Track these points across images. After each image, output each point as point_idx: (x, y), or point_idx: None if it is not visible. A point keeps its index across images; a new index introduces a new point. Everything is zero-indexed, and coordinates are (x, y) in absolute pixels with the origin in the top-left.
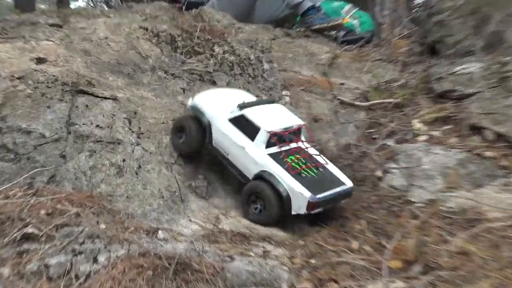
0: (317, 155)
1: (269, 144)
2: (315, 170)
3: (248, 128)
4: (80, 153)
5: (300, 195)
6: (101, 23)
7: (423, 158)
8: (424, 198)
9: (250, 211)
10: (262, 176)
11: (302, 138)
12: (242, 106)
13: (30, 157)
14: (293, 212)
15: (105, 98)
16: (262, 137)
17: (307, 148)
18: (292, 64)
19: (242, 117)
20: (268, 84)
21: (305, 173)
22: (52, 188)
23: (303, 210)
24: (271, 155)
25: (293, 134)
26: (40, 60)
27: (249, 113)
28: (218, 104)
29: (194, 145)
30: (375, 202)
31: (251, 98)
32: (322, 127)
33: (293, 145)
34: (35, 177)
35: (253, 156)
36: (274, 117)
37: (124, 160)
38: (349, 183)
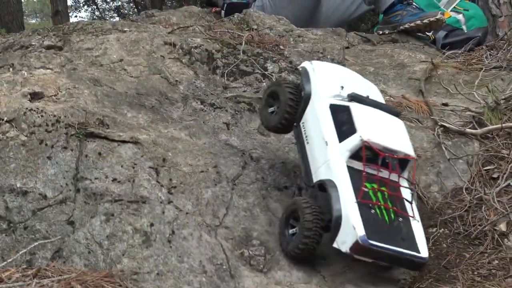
0: (409, 201)
1: (355, 156)
2: (392, 216)
3: (344, 124)
4: (93, 217)
5: (351, 228)
6: (113, 40)
7: None
8: None
9: (287, 236)
10: (324, 185)
11: (405, 175)
12: (353, 97)
13: (28, 225)
14: (335, 244)
15: (123, 142)
16: (353, 142)
17: (400, 186)
18: (375, 80)
19: (345, 109)
20: None
21: (378, 211)
22: (58, 266)
23: (345, 248)
24: (350, 169)
25: (394, 162)
26: (35, 96)
27: (355, 109)
28: (332, 82)
29: (288, 117)
30: (497, 268)
31: (380, 98)
32: (420, 166)
33: (384, 173)
34: (36, 252)
35: (330, 158)
36: (383, 129)
37: (152, 225)
38: (424, 253)
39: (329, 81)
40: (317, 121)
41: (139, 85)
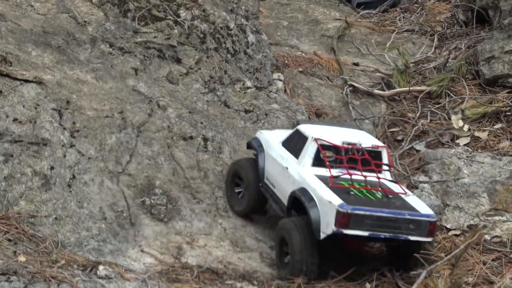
0: (392, 181)
1: (317, 162)
2: (378, 195)
3: (297, 144)
4: None
5: (328, 206)
6: None
7: (464, 169)
8: (462, 223)
9: (282, 263)
10: (293, 195)
11: (384, 166)
12: (299, 123)
13: None
14: (322, 235)
15: (27, 81)
16: (307, 147)
17: (379, 179)
18: (288, 35)
19: (295, 133)
20: (253, 64)
21: (357, 192)
22: None
23: (331, 227)
24: (317, 176)
25: (360, 155)
26: None
27: (304, 126)
28: (277, 135)
29: (249, 199)
30: None
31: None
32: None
33: (356, 174)
34: None
35: (293, 175)
36: (337, 132)
37: (52, 168)
38: (425, 210)
39: (276, 136)
40: (275, 162)
41: (46, 23)
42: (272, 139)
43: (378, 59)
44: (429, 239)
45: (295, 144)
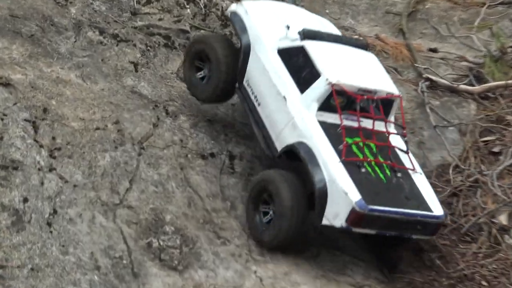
0: (403, 151)
1: (327, 107)
2: (387, 172)
3: (302, 70)
4: None
5: (342, 195)
6: None
7: None
8: None
9: (258, 222)
10: (294, 151)
11: (390, 117)
12: (306, 34)
13: None
14: (324, 221)
15: None
16: (319, 89)
17: (388, 134)
18: (340, 13)
19: (299, 51)
20: None
21: (369, 168)
22: None
23: (340, 221)
24: (322, 124)
25: (374, 105)
26: None
27: (313, 47)
28: (274, 23)
29: (223, 84)
30: (496, 272)
31: (333, 29)
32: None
33: (367, 122)
34: None
35: (294, 116)
36: (352, 67)
37: (25, 200)
38: (438, 210)
39: (270, 22)
40: (265, 75)
41: (14, 4)
42: (264, 33)
43: (463, 43)
44: (430, 237)
45: (299, 67)
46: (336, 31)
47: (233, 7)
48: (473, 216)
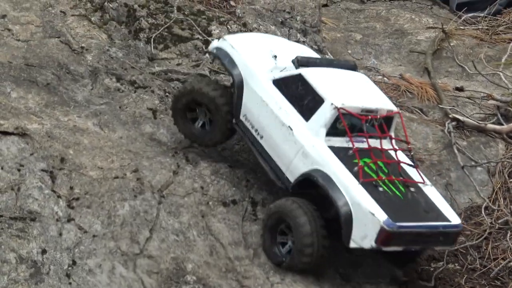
0: (411, 165)
1: (333, 131)
2: (401, 188)
3: (303, 98)
4: None
5: (369, 216)
6: None
7: None
8: None
9: (278, 253)
10: (311, 179)
11: (392, 133)
12: (300, 62)
13: None
14: (352, 244)
15: (5, 133)
16: (325, 115)
17: (395, 150)
18: (363, 53)
19: (298, 78)
20: None
21: (385, 187)
22: None
23: (370, 242)
24: (333, 149)
25: (377, 124)
26: None
27: (310, 74)
28: (262, 54)
29: (229, 124)
30: None
31: (314, 54)
32: (424, 173)
33: (373, 141)
34: None
35: (304, 144)
36: (351, 89)
37: (44, 252)
38: (455, 220)
39: (256, 54)
40: (264, 107)
41: (29, 53)
42: (255, 66)
43: (490, 81)
44: (450, 247)
45: (299, 95)
46: (315, 55)
47: (216, 43)
48: (503, 260)
